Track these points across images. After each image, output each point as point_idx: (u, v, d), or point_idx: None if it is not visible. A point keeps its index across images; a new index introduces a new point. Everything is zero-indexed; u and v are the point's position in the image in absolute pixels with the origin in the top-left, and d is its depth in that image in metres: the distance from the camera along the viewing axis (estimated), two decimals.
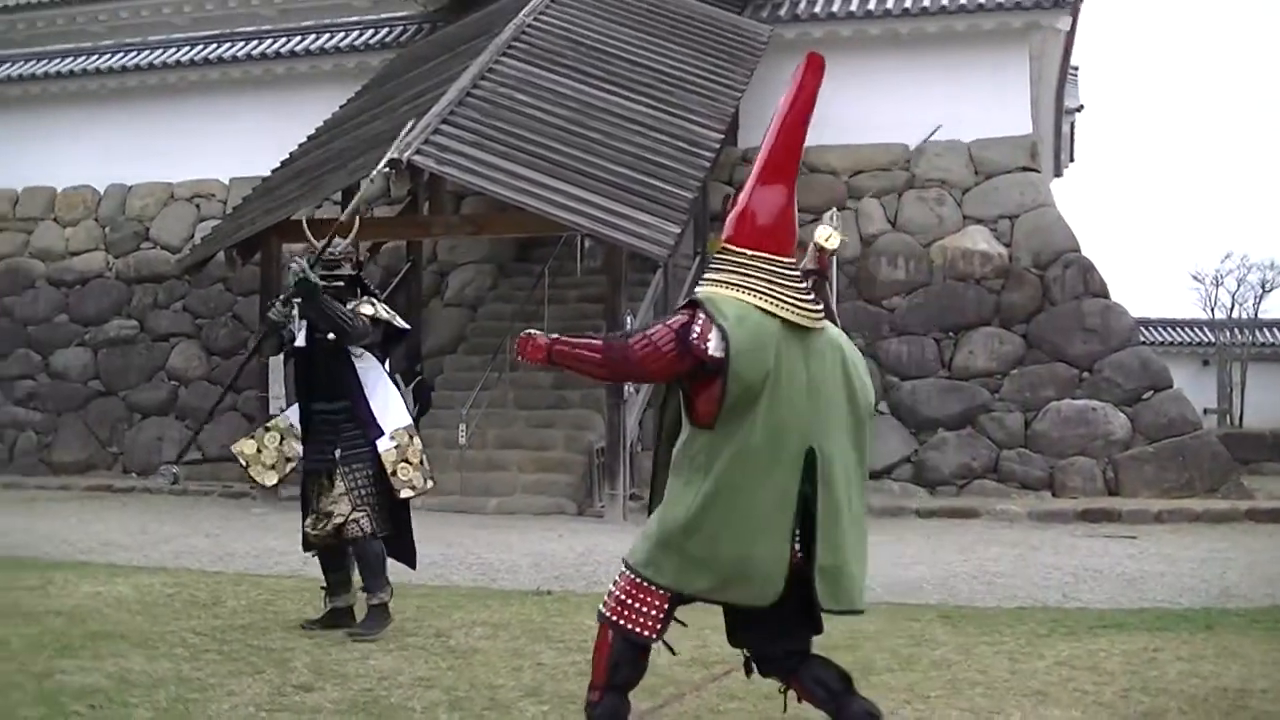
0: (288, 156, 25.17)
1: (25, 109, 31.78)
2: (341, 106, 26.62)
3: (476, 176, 20.25)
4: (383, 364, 10.44)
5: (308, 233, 10.82)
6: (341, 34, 30.46)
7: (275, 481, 10.52)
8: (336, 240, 10.64)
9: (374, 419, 10.15)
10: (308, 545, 10.47)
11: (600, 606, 6.65)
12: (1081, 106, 39.65)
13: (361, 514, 9.97)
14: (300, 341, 10.30)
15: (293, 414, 10.51)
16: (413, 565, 10.75)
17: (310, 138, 25.57)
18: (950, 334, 25.00)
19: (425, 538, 16.90)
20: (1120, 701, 8.06)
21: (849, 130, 26.12)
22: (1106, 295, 24.93)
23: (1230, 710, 7.85)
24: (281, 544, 16.55)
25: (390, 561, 10.29)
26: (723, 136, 23.57)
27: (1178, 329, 52.75)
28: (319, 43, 30.27)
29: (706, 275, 6.60)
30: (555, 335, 6.61)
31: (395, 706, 7.77)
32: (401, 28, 30.47)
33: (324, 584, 10.46)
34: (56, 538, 17.20)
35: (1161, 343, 49.25)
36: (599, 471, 21.35)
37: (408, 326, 10.97)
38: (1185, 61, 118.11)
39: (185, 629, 10.00)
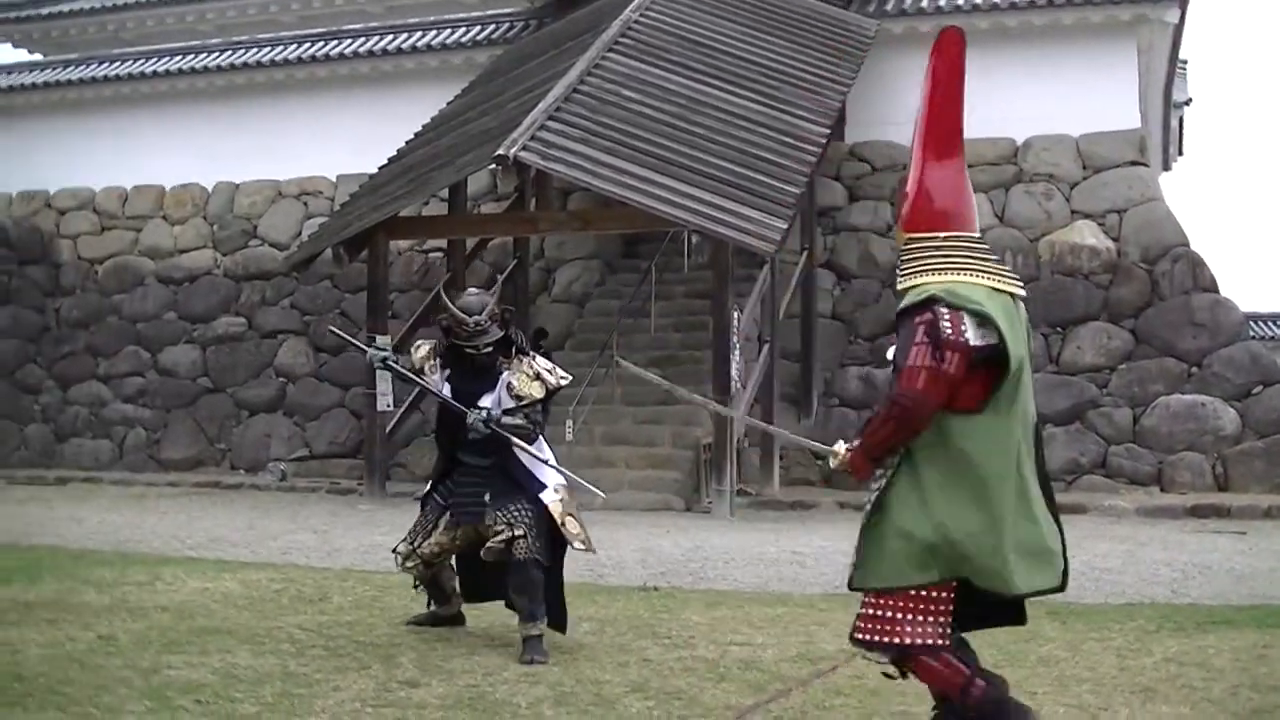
0: (395, 153, 25.24)
1: (134, 107, 32.08)
2: (448, 103, 26.68)
3: (582, 172, 20.25)
4: (541, 424, 9.94)
5: (451, 307, 9.71)
6: (448, 31, 30.54)
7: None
8: (483, 296, 9.94)
9: (533, 475, 9.66)
10: (423, 582, 10.13)
11: (866, 641, 6.44)
12: (1190, 100, 39.21)
13: (529, 536, 9.33)
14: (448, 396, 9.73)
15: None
16: (563, 629, 9.64)
17: (417, 134, 25.64)
18: (1058, 329, 24.80)
19: None
20: (1229, 698, 7.96)
21: None
22: (1216, 290, 24.66)
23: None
24: (388, 540, 16.48)
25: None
26: (829, 132, 23.47)
27: None
28: (425, 40, 30.36)
29: (911, 269, 6.46)
30: (852, 446, 6.47)
31: (500, 702, 7.78)
32: (508, 24, 30.53)
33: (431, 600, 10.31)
34: (165, 533, 17.37)
35: (1272, 337, 48.69)
36: (706, 468, 21.32)
37: (568, 379, 10.47)
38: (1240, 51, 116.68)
39: (292, 625, 10.05)
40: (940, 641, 6.30)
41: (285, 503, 22.65)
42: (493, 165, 20.35)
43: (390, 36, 30.78)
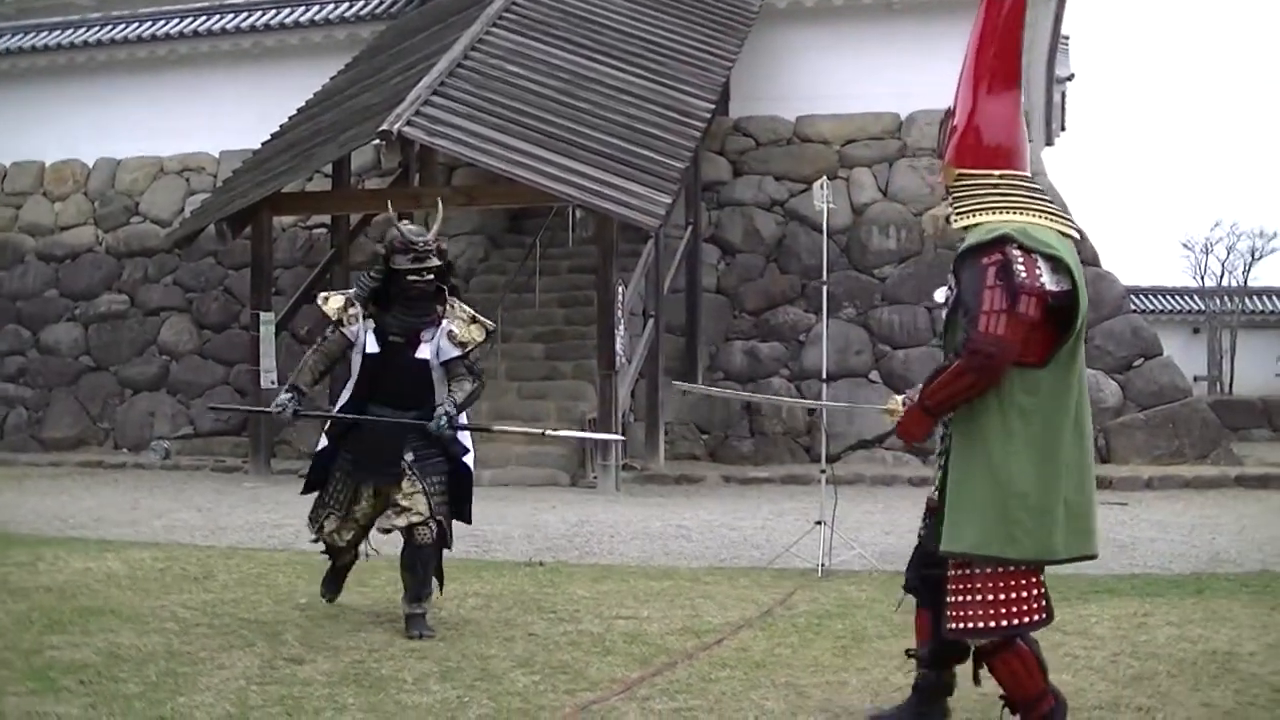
0: (278, 129, 25.09)
1: (13, 82, 31.64)
2: (332, 78, 26.54)
3: (467, 148, 20.22)
4: (480, 372, 9.69)
5: (399, 227, 9.27)
6: (332, 5, 30.32)
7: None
8: (423, 228, 9.47)
9: (457, 435, 9.31)
10: (334, 551, 9.68)
11: (964, 629, 6.08)
12: (1072, 75, 39.57)
13: (431, 519, 9.08)
14: (372, 348, 9.21)
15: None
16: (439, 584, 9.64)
17: (301, 110, 25.48)
18: (927, 309, 25.00)
19: None
20: (1110, 666, 8.07)
21: (840, 99, 26.27)
22: (1098, 264, 24.92)
23: (1219, 674, 7.85)
24: (274, 517, 16.55)
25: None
26: (714, 106, 23.55)
27: (1168, 297, 52.68)
28: (309, 15, 30.12)
29: (968, 206, 6.16)
30: (912, 395, 6.25)
31: (386, 678, 7.76)
32: None
33: (330, 572, 9.89)
34: (47, 513, 17.21)
35: (1152, 311, 49.20)
36: (592, 442, 21.34)
37: (493, 327, 9.73)
38: (1175, 30, 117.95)
39: (176, 603, 9.98)
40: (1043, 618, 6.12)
41: (169, 481, 22.50)
42: (377, 141, 20.24)
43: (274, 11, 30.49)
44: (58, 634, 8.75)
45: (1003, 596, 5.97)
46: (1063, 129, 41.16)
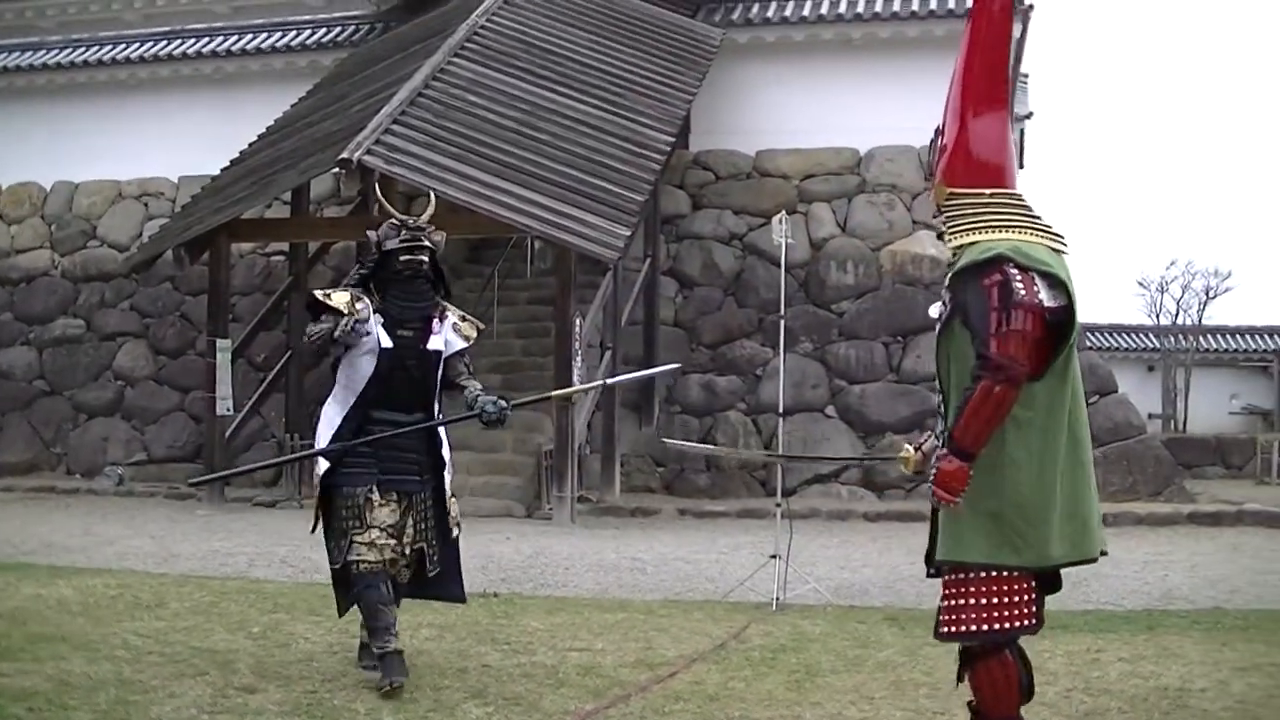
0: (238, 155, 25.05)
1: None
2: (293, 105, 26.52)
3: (427, 177, 20.17)
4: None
5: (386, 205, 9.16)
6: (294, 32, 30.31)
7: (315, 524, 8.70)
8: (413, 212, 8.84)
9: (442, 442, 8.86)
10: (366, 575, 8.41)
11: (956, 632, 6.13)
12: (1031, 114, 39.68)
13: (420, 555, 8.64)
14: (386, 342, 8.52)
15: (317, 440, 8.81)
16: (461, 599, 9.21)
17: (261, 136, 25.46)
18: (899, 338, 25.05)
19: None
20: (1063, 701, 8.10)
21: (800, 134, 26.32)
22: None
23: (1170, 710, 7.90)
24: (227, 545, 16.49)
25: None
26: (673, 139, 23.58)
27: (1123, 335, 52.94)
28: (271, 41, 30.11)
29: (961, 226, 6.21)
30: (943, 443, 6.17)
31: (339, 709, 7.74)
32: (354, 27, 30.33)
33: (369, 624, 8.53)
34: None
35: (1107, 348, 49.47)
36: (548, 474, 21.33)
37: (483, 326, 9.65)
38: (1134, 70, 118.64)
39: (128, 631, 9.93)
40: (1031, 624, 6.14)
41: (122, 508, 22.37)
42: (337, 169, 20.22)
43: (235, 37, 30.48)
44: (7, 661, 8.68)
45: (995, 600, 6.03)
46: (1021, 166, 41.28)
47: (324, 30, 30.32)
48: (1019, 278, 5.91)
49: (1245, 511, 21.67)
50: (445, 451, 8.88)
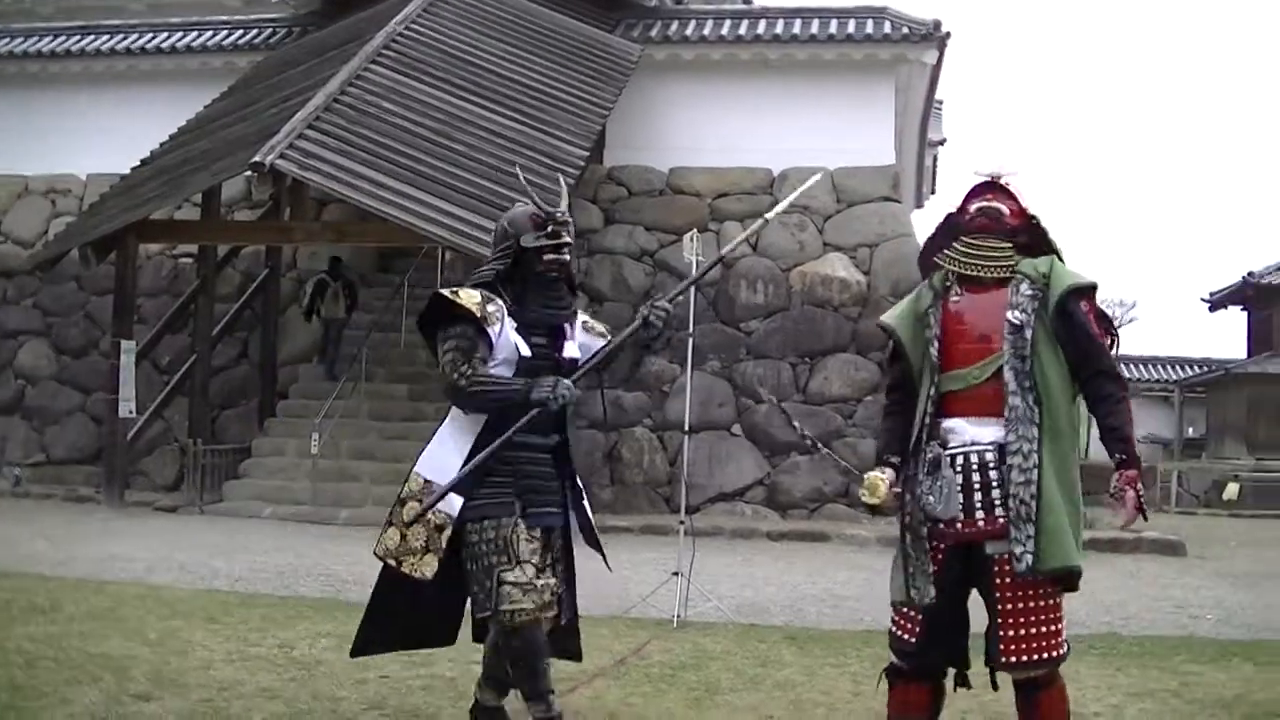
0: (148, 155, 24.82)
1: None
2: (206, 106, 26.33)
3: (339, 184, 20.10)
4: None
5: (534, 198, 7.40)
6: (210, 32, 30.09)
7: (436, 566, 7.00)
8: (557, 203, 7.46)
9: (575, 468, 7.58)
10: (524, 627, 6.97)
11: (1061, 655, 6.38)
12: (945, 140, 40.05)
13: (559, 599, 7.29)
14: (525, 350, 7.19)
15: (428, 466, 7.24)
16: (578, 657, 7.89)
17: (173, 137, 25.23)
18: (807, 359, 25.11)
19: (275, 547, 16.85)
20: None
21: (715, 153, 26.37)
22: None
23: None
24: (125, 549, 16.33)
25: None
26: (588, 154, 23.58)
27: None
28: (186, 40, 29.87)
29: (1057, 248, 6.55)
30: (1131, 470, 6.39)
31: (236, 717, 7.68)
32: (271, 29, 30.16)
33: (529, 685, 7.19)
34: None
35: None
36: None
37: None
38: (1043, 100, 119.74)
39: (21, 636, 9.81)
40: None
41: (19, 509, 22.15)
42: (249, 172, 20.08)
43: (150, 35, 30.21)
44: None
45: (1062, 625, 6.31)
46: (933, 192, 41.66)
47: (240, 32, 30.12)
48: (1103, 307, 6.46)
49: (1143, 539, 21.91)
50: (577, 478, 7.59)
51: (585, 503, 7.53)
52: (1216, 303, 53.15)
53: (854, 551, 20.22)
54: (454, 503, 6.98)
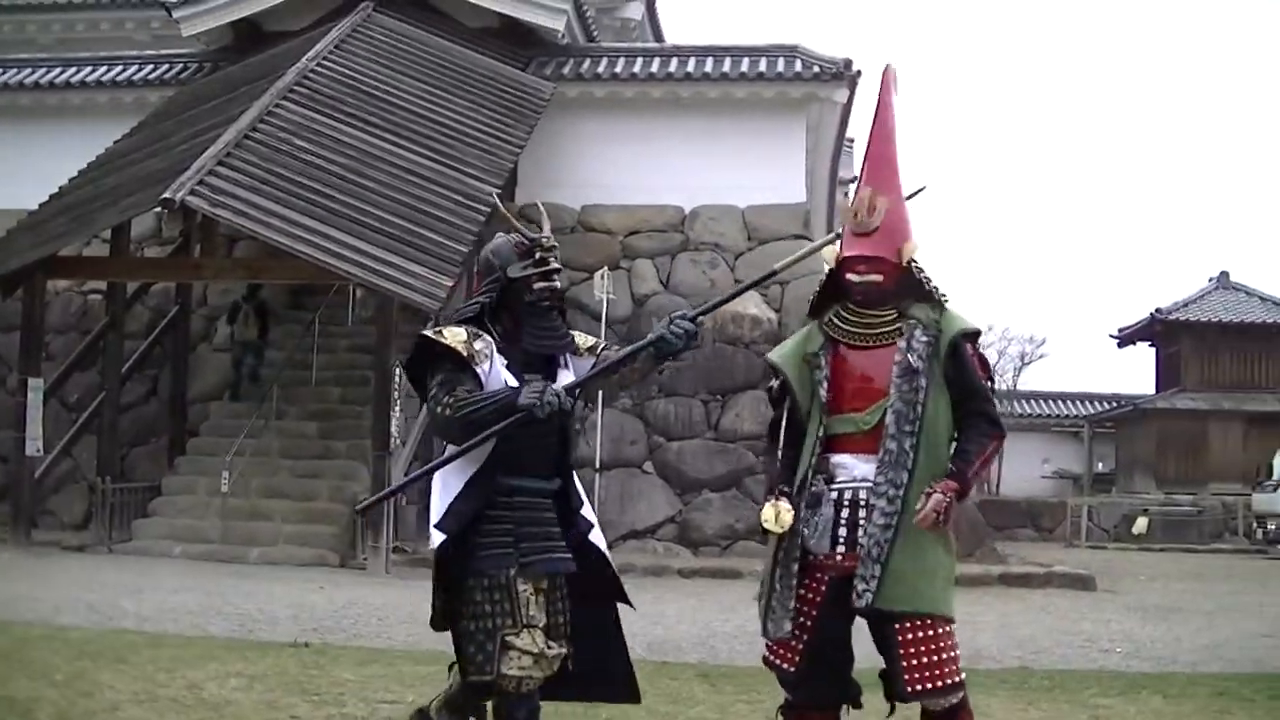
0: (57, 190, 24.65)
1: None
2: (116, 142, 26.15)
3: (250, 220, 20.04)
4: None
5: (517, 224, 7.09)
6: (120, 67, 29.94)
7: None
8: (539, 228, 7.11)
9: (582, 502, 7.00)
10: (525, 694, 6.49)
11: (955, 684, 6.24)
12: (855, 178, 40.25)
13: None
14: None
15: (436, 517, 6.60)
16: (635, 698, 7.26)
17: (82, 172, 25.06)
18: (718, 396, 25.19)
19: (184, 587, 16.74)
20: None
21: (626, 190, 26.48)
22: None
23: None
24: (31, 589, 16.15)
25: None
26: (500, 191, 23.58)
27: None
28: (96, 75, 29.72)
29: (935, 294, 6.53)
30: (953, 481, 6.30)
31: None
32: (182, 65, 30.05)
33: None
34: None
35: None
36: (362, 524, 21.15)
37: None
38: (952, 137, 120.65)
39: None
40: None
41: None
42: (159, 209, 20.00)
43: (59, 69, 30.04)
44: None
45: (956, 653, 6.23)
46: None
47: (151, 67, 30.00)
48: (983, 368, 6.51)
49: (1054, 574, 22.18)
50: (589, 511, 7.01)
51: (599, 536, 6.96)
52: (1125, 339, 53.68)
53: None
54: (435, 537, 6.54)
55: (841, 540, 6.30)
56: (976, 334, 6.47)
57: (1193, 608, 19.60)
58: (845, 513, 6.32)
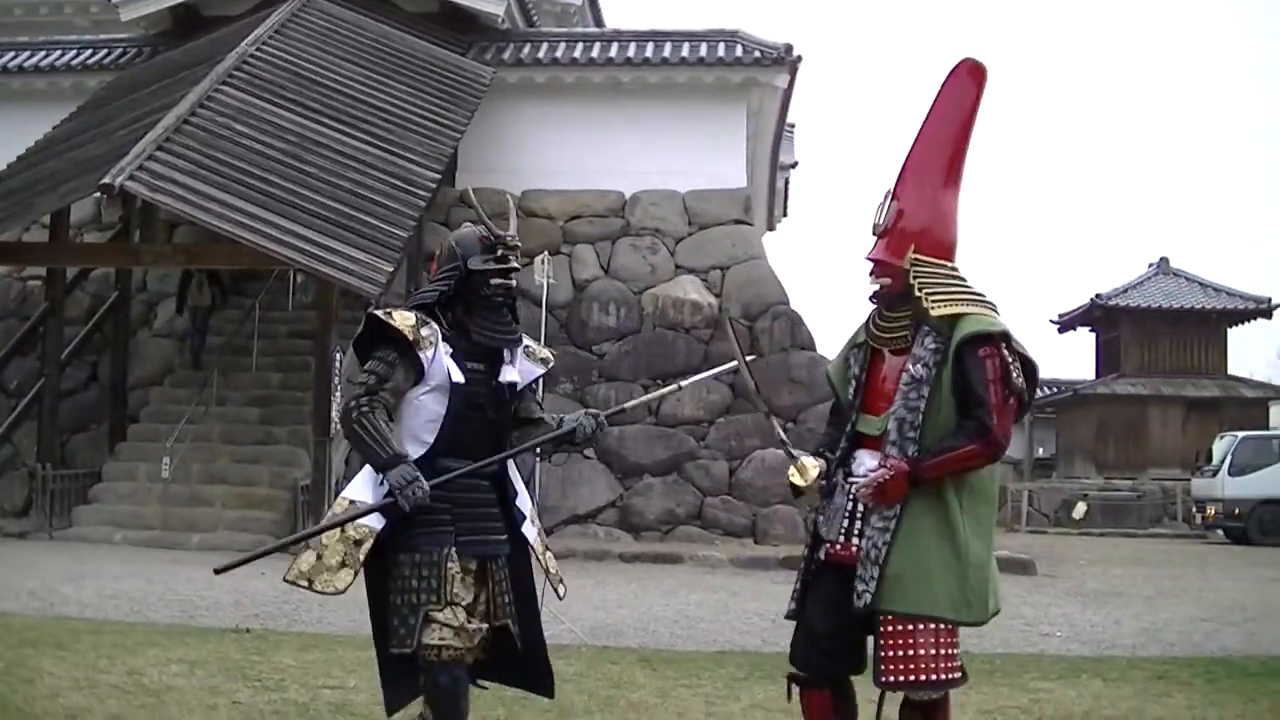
0: None
1: None
2: (55, 127, 26.02)
3: (190, 206, 19.97)
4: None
5: (484, 217, 7.11)
6: (59, 52, 29.78)
7: (351, 580, 6.71)
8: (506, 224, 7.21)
9: (516, 493, 7.08)
10: (447, 663, 6.62)
11: (912, 681, 6.15)
12: (796, 163, 40.34)
13: (504, 631, 6.89)
14: (458, 376, 6.75)
15: (354, 489, 6.77)
16: (550, 693, 7.42)
17: (20, 158, 24.91)
18: (659, 381, 25.20)
19: (125, 574, 16.69)
20: None
21: (567, 175, 26.47)
22: (813, 348, 25.43)
23: None
24: None
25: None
26: (440, 176, 23.62)
27: None
28: (34, 60, 29.53)
29: (946, 294, 6.33)
30: (904, 463, 6.13)
31: None
32: (121, 50, 29.88)
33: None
34: None
35: None
36: (304, 509, 21.13)
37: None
38: (895, 121, 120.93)
39: None
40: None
41: None
42: (98, 194, 19.91)
43: None
44: None
45: (945, 652, 6.17)
46: (784, 214, 41.97)
47: (90, 52, 29.84)
48: (1013, 360, 6.27)
49: (997, 559, 22.18)
50: (525, 502, 7.11)
51: (533, 528, 7.05)
52: (1065, 324, 53.94)
53: (707, 573, 20.34)
54: (376, 520, 6.59)
55: (855, 532, 6.35)
56: (991, 337, 6.25)
57: (1132, 592, 19.76)
58: (857, 506, 6.37)
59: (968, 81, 6.61)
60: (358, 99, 24.25)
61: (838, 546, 6.39)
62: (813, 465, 6.42)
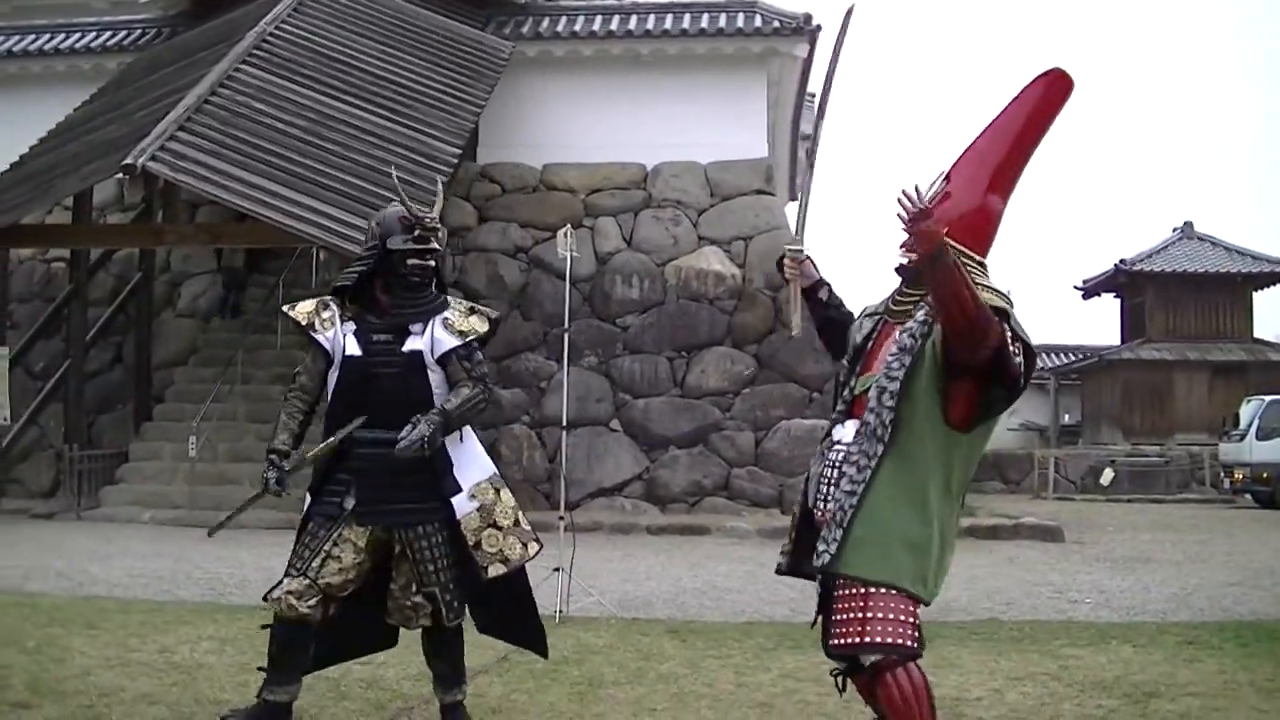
0: (17, 159, 24.52)
1: None
2: (76, 109, 26.05)
3: (212, 185, 19.97)
4: (487, 378, 7.62)
5: (405, 201, 7.40)
6: (78, 34, 29.81)
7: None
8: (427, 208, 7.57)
9: (450, 465, 7.34)
10: (286, 624, 7.34)
11: (861, 644, 6.06)
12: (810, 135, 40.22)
13: (451, 594, 7.30)
14: (353, 349, 7.32)
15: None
16: (543, 652, 7.94)
17: (42, 140, 24.97)
18: (683, 353, 25.22)
19: (152, 553, 16.72)
20: (842, 712, 8.17)
21: (588, 149, 26.41)
22: None
23: (947, 719, 8.01)
24: (1, 557, 16.14)
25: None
26: (461, 151, 23.55)
27: None
28: (54, 43, 29.58)
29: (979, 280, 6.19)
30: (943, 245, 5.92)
31: None
32: (140, 31, 29.90)
33: (265, 665, 7.49)
34: None
35: None
36: None
37: (496, 315, 7.99)
38: (917, 88, 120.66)
39: None
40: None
41: None
42: (120, 175, 19.91)
43: (16, 38, 29.89)
44: None
45: (903, 619, 6.06)
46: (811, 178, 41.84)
47: (109, 33, 29.85)
48: (1013, 343, 6.05)
49: (1022, 525, 22.28)
50: (467, 471, 7.42)
51: (470, 502, 7.37)
52: (1090, 290, 53.79)
53: (734, 544, 20.33)
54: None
55: (825, 496, 6.35)
56: (994, 309, 6.08)
57: (1160, 558, 19.70)
58: (832, 472, 6.37)
59: (1054, 92, 6.56)
60: (377, 75, 24.22)
61: (817, 512, 6.41)
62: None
